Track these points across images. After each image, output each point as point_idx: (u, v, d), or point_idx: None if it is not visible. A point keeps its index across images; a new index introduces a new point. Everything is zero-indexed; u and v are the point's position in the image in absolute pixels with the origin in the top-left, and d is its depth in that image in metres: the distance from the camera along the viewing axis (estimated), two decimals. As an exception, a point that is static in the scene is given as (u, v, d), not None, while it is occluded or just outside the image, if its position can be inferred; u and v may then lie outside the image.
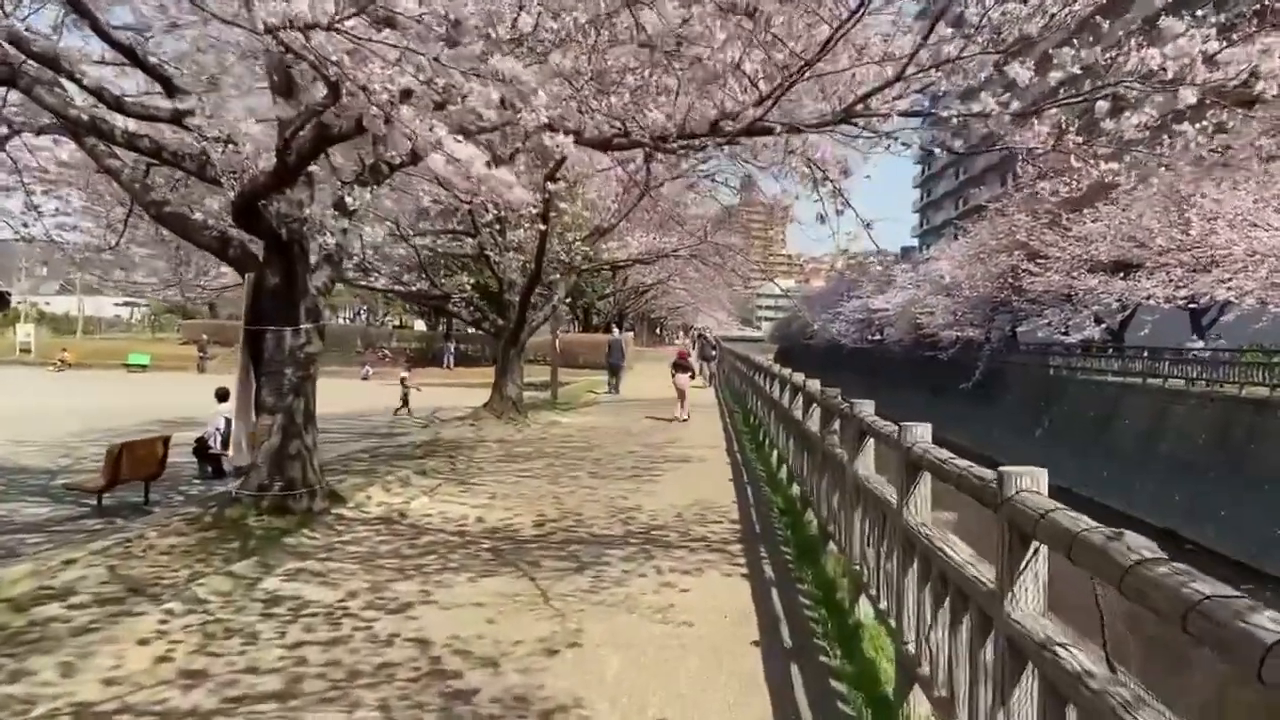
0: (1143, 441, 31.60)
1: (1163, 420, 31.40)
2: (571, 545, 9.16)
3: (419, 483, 12.64)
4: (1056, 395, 40.21)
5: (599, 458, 15.97)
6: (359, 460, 15.11)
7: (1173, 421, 30.81)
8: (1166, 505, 27.60)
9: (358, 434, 24.82)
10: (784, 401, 13.71)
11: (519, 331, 21.59)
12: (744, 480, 13.75)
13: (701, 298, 70.02)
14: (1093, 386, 37.68)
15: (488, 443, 17.94)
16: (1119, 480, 30.81)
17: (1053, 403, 40.22)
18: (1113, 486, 30.69)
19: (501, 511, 10.88)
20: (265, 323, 10.29)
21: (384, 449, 17.08)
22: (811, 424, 10.18)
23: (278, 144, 7.97)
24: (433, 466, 14.32)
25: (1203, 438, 28.63)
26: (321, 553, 8.82)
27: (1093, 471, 32.58)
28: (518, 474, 13.97)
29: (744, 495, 12.37)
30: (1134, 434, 32.37)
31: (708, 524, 10.29)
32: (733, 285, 51.70)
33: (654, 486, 12.86)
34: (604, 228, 22.50)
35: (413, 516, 10.55)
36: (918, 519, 5.06)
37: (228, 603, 7.25)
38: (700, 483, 13.20)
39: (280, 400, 10.23)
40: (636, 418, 24.24)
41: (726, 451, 17.25)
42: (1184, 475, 27.91)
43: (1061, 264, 38.35)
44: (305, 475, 10.38)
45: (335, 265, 11.13)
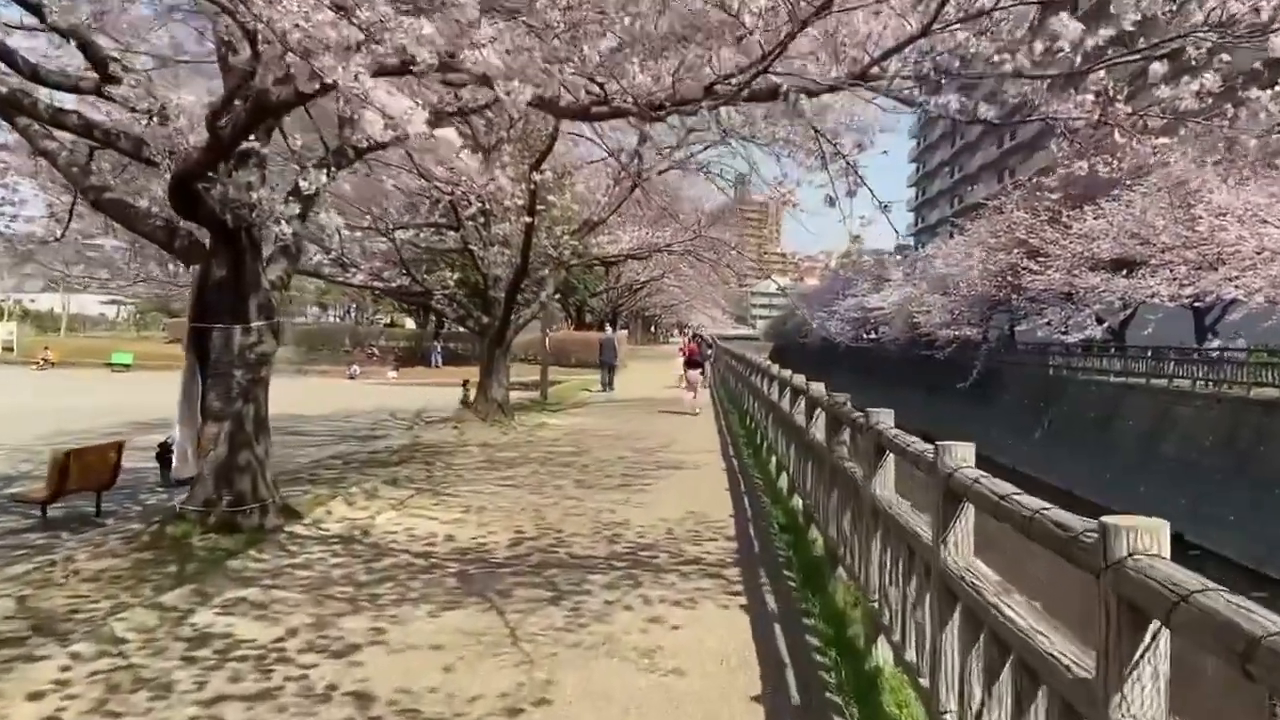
0: (1147, 443, 30.80)
1: (1168, 421, 30.59)
2: (549, 569, 8.17)
3: (388, 494, 11.64)
4: (1057, 395, 39.40)
5: (587, 464, 14.99)
6: (329, 467, 14.14)
7: (1178, 423, 29.98)
8: (1172, 508, 26.75)
9: (338, 436, 23.84)
10: (784, 405, 12.75)
11: (504, 329, 20.60)
12: (741, 490, 12.77)
13: (696, 295, 69.13)
14: (1094, 387, 36.89)
15: (469, 447, 16.95)
16: (1122, 482, 29.98)
17: (1053, 403, 39.39)
18: (1116, 489, 29.86)
19: (475, 528, 9.90)
20: (212, 319, 9.31)
21: (359, 454, 16.12)
22: (816, 432, 9.22)
23: (206, 114, 6.97)
24: (407, 475, 13.33)
25: (1209, 439, 27.83)
26: (267, 578, 7.83)
27: (1095, 473, 31.82)
28: (498, 483, 12.99)
29: (741, 507, 11.40)
30: (1138, 435, 31.56)
31: (702, 542, 9.31)
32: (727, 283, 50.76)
33: (644, 497, 11.88)
34: (594, 221, 21.52)
35: (376, 534, 9.56)
36: (960, 562, 4.10)
37: (148, 643, 6.26)
38: (694, 493, 12.23)
39: (228, 405, 9.24)
40: (628, 419, 23.28)
41: (722, 456, 16.28)
42: (1190, 478, 27.12)
43: (1062, 261, 37.55)
44: (256, 489, 9.40)
45: (292, 257, 10.15)
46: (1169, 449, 29.55)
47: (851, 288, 66.75)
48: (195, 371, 9.40)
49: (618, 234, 22.72)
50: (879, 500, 5.76)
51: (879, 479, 5.93)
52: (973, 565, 4.05)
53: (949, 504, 4.19)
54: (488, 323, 20.80)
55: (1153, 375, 32.98)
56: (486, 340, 21.04)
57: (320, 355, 60.19)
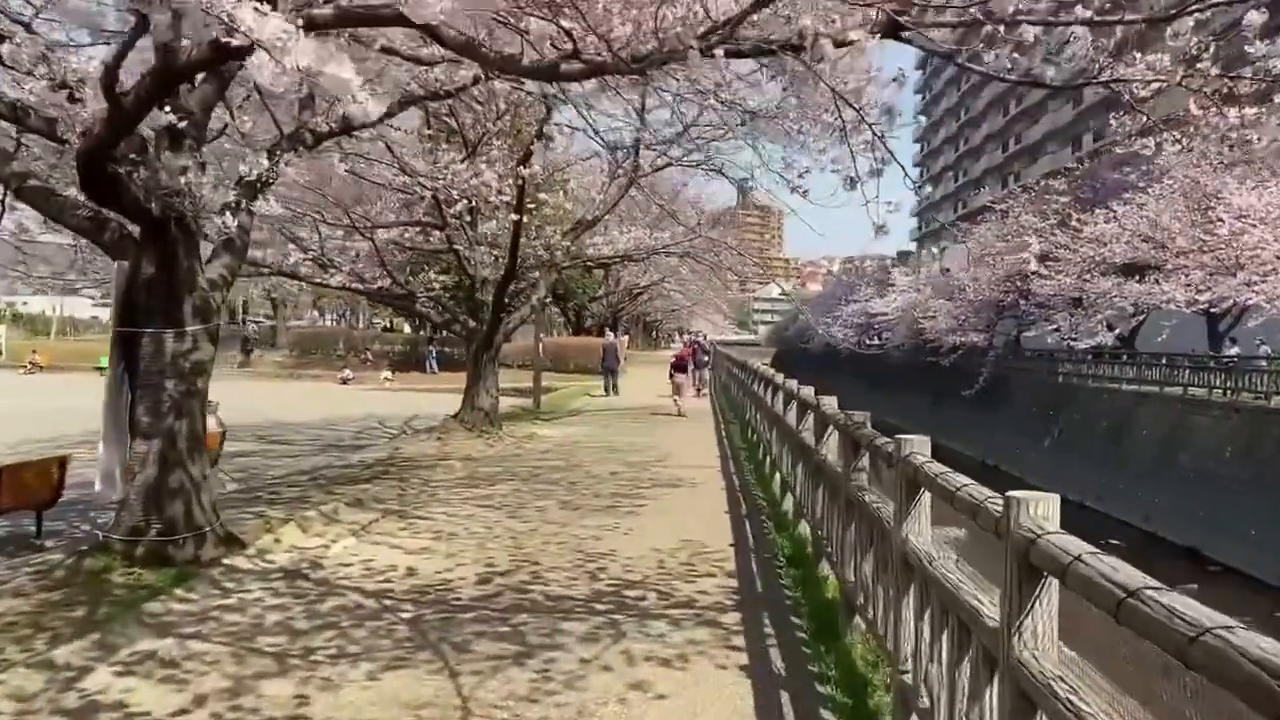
0: (1162, 454, 29.73)
1: (1184, 431, 29.48)
2: (519, 615, 7.02)
3: (350, 517, 10.48)
4: (1066, 404, 38.35)
5: (575, 480, 13.84)
6: (294, 484, 13.00)
7: (1195, 433, 28.88)
8: (1188, 522, 25.79)
9: (319, 446, 22.72)
10: (789, 419, 11.60)
11: (493, 334, 19.45)
12: (742, 512, 11.60)
13: (697, 300, 68.06)
14: (1105, 395, 35.79)
15: (451, 460, 15.81)
16: (1136, 494, 28.98)
17: (1062, 411, 38.34)
18: (1128, 500, 28.89)
19: (441, 560, 8.75)
20: (141, 323, 8.17)
21: (331, 468, 14.98)
22: (827, 453, 8.07)
23: (102, 79, 5.84)
24: (377, 493, 12.18)
25: (1228, 450, 26.74)
26: (189, 625, 6.69)
27: (1107, 484, 30.81)
28: (476, 503, 11.84)
29: (742, 534, 10.24)
30: (1152, 445, 30.49)
31: (697, 578, 8.16)
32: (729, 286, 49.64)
33: (635, 521, 10.72)
34: (588, 221, 20.38)
35: (328, 567, 8.42)
36: (1039, 659, 2.96)
37: (22, 715, 5.14)
38: (690, 515, 11.08)
39: (158, 421, 8.10)
40: (623, 428, 22.14)
41: (722, 472, 15.11)
42: (1207, 490, 26.05)
43: (1073, 266, 36.53)
44: (191, 515, 8.26)
45: (237, 252, 9.01)
46: (1185, 459, 28.47)
47: (855, 293, 65.63)
48: (123, 382, 8.26)
49: (613, 234, 21.54)
50: (914, 551, 4.62)
51: (913, 523, 4.79)
52: (1054, 663, 2.92)
53: (1026, 578, 3.06)
54: (474, 327, 19.65)
55: (1166, 383, 31.92)
56: (474, 345, 19.89)
57: (313, 359, 59.12)
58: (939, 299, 48.86)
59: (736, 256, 23.63)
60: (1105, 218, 36.36)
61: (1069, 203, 40.25)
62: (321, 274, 18.28)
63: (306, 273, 18.32)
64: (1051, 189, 42.42)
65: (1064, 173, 45.00)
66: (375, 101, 4.90)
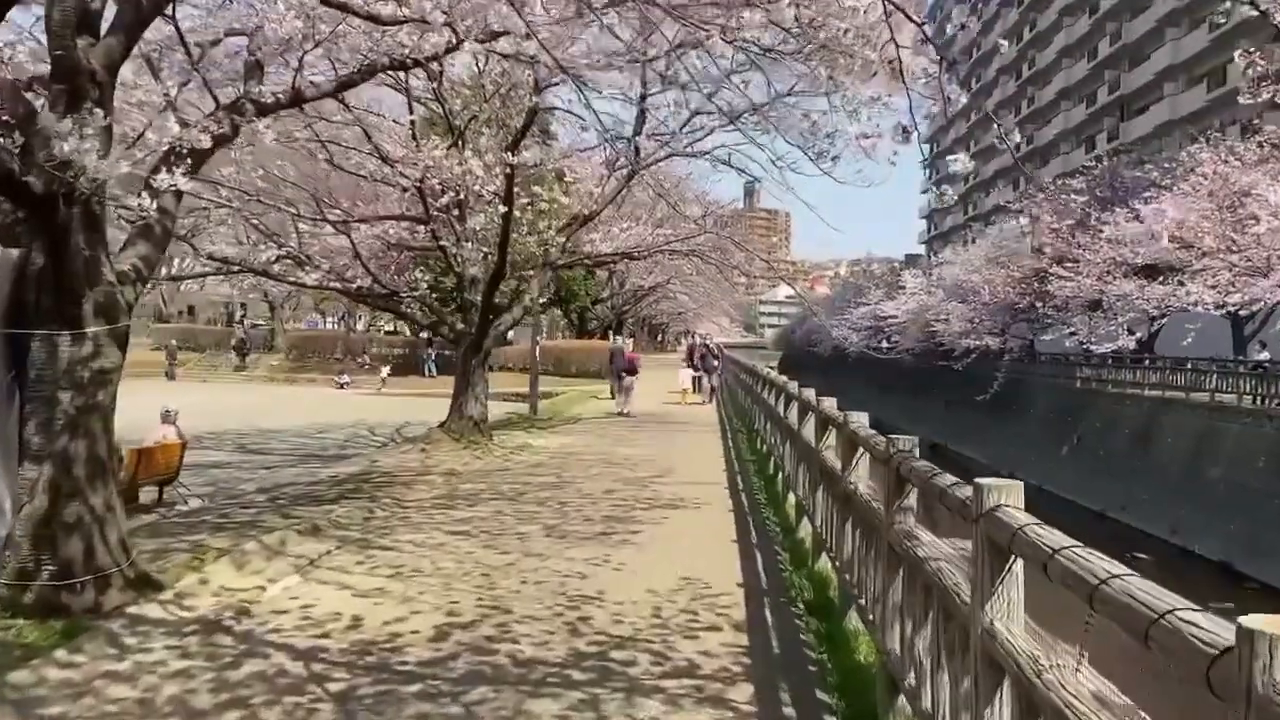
0: (1189, 463, 28.39)
1: (1212, 439, 28.15)
2: (476, 687, 5.60)
3: (299, 549, 9.07)
4: (1085, 410, 37.06)
5: (565, 500, 12.43)
6: (252, 505, 11.59)
7: (1224, 441, 27.53)
8: (1220, 535, 24.44)
9: (299, 457, 21.40)
10: (806, 434, 10.20)
11: (482, 337, 18.06)
12: (752, 541, 10.16)
13: (703, 303, 66.67)
14: (1127, 401, 34.43)
15: (432, 476, 14.42)
16: (1161, 505, 27.63)
17: (1080, 418, 37.02)
18: (1154, 512, 27.53)
19: (395, 605, 7.34)
20: (31, 323, 6.78)
21: (297, 485, 13.58)
22: (857, 481, 6.67)
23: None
24: (340, 517, 10.77)
25: (1261, 460, 25.35)
26: (57, 703, 5.29)
27: (1130, 494, 29.45)
28: (450, 528, 10.43)
29: (752, 569, 8.81)
30: (1178, 454, 29.13)
31: (700, 632, 6.74)
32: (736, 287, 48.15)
33: (628, 553, 9.29)
34: (585, 216, 18.99)
35: (257, 616, 7.01)
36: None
37: None
38: (693, 546, 9.66)
39: (50, 441, 6.71)
40: (622, 438, 20.72)
41: (729, 490, 13.67)
42: (1239, 502, 24.74)
43: (1092, 267, 35.18)
44: (92, 554, 6.86)
45: (157, 241, 7.61)
46: (1214, 470, 27.09)
47: (863, 296, 64.27)
48: (11, 395, 6.87)
49: (613, 231, 20.13)
50: (1004, 645, 3.21)
51: (1002, 603, 3.38)
52: None
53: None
54: (462, 329, 18.27)
55: (1191, 389, 30.55)
56: (461, 350, 18.50)
57: (311, 363, 57.87)
58: (952, 301, 47.60)
59: (744, 254, 22.19)
60: (1126, 217, 35.05)
61: (1087, 202, 38.88)
62: (294, 272, 16.89)
63: (280, 271, 16.96)
64: (1069, 188, 40.99)
65: (1082, 171, 43.51)
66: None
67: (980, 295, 43.79)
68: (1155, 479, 28.88)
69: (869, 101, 7.63)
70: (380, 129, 15.52)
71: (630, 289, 60.08)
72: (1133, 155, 45.53)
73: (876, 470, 5.96)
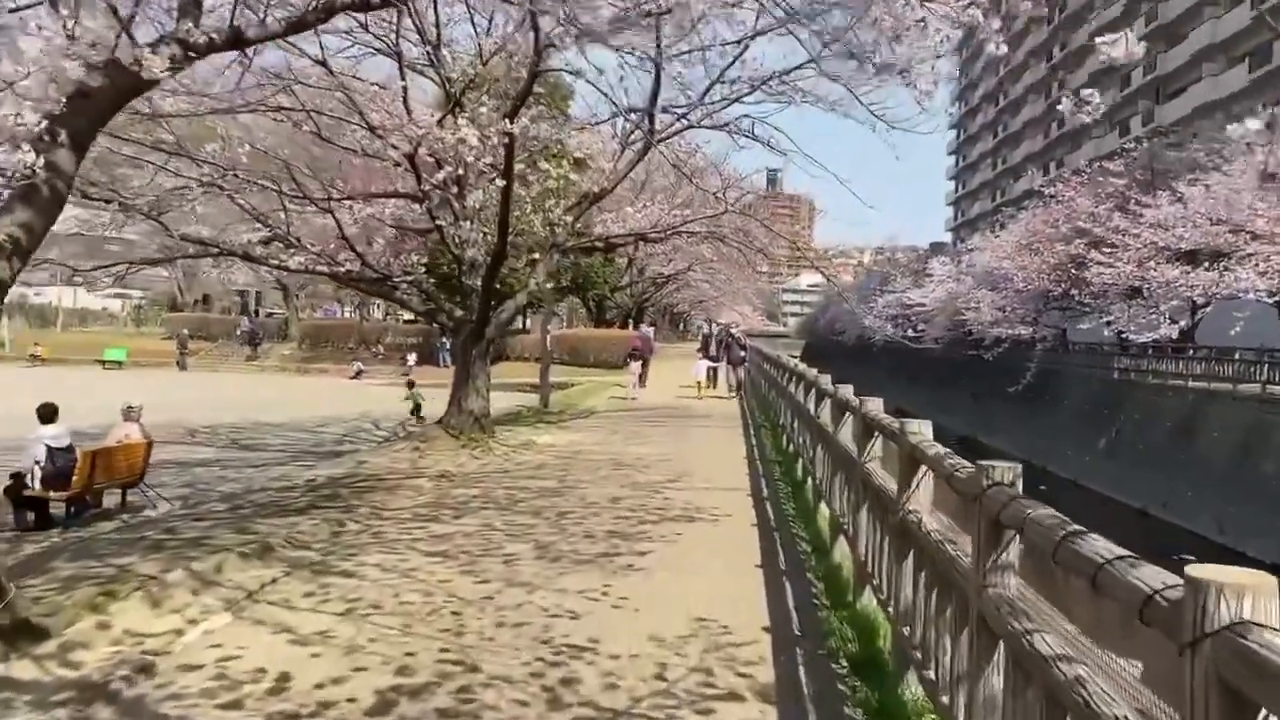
0: (1237, 458, 26.84)
1: (1264, 434, 26.54)
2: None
3: (239, 575, 7.60)
4: (1124, 402, 35.46)
5: (566, 510, 10.93)
6: (207, 516, 10.16)
7: (1276, 435, 25.88)
8: (1275, 535, 22.87)
9: (293, 453, 20.05)
10: (843, 440, 8.68)
11: (483, 325, 16.57)
12: (780, 565, 8.59)
13: (725, 291, 64.99)
14: (1169, 393, 32.77)
15: (420, 479, 12.96)
16: (1207, 502, 26.14)
17: (1118, 410, 35.42)
18: (1199, 509, 26.02)
19: (336, 658, 5.86)
20: None
21: (270, 490, 12.16)
22: (918, 511, 5.17)
23: None
24: (303, 532, 9.32)
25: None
26: None
27: (1173, 491, 27.89)
28: (426, 548, 8.95)
29: (782, 604, 7.25)
30: (1225, 449, 27.60)
31: (715, 701, 5.21)
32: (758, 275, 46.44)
33: (631, 583, 7.77)
34: (597, 194, 17.46)
35: (159, 676, 5.55)
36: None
37: None
38: (709, 572, 8.14)
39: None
40: (636, 434, 19.22)
41: (752, 497, 12.10)
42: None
43: (1133, 253, 33.50)
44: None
45: (44, 207, 6.14)
46: (1266, 466, 25.47)
47: (888, 284, 62.47)
48: None
49: (626, 211, 18.56)
50: None
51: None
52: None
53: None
54: (462, 317, 16.78)
55: (1239, 380, 28.94)
56: (461, 339, 17.04)
57: (324, 352, 56.68)
58: (982, 289, 45.92)
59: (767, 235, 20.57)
60: (1169, 200, 33.36)
61: (1126, 185, 37.11)
62: (277, 254, 15.45)
63: (262, 253, 15.53)
64: (1107, 171, 39.20)
65: (1121, 153, 41.65)
66: None
67: (1012, 282, 42.09)
68: (1200, 474, 27.37)
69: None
70: (367, 95, 14.05)
71: (650, 276, 58.53)
72: (1173, 137, 43.72)
73: (961, 509, 4.43)
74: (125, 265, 15.70)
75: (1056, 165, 78.99)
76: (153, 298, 79.50)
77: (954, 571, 4.16)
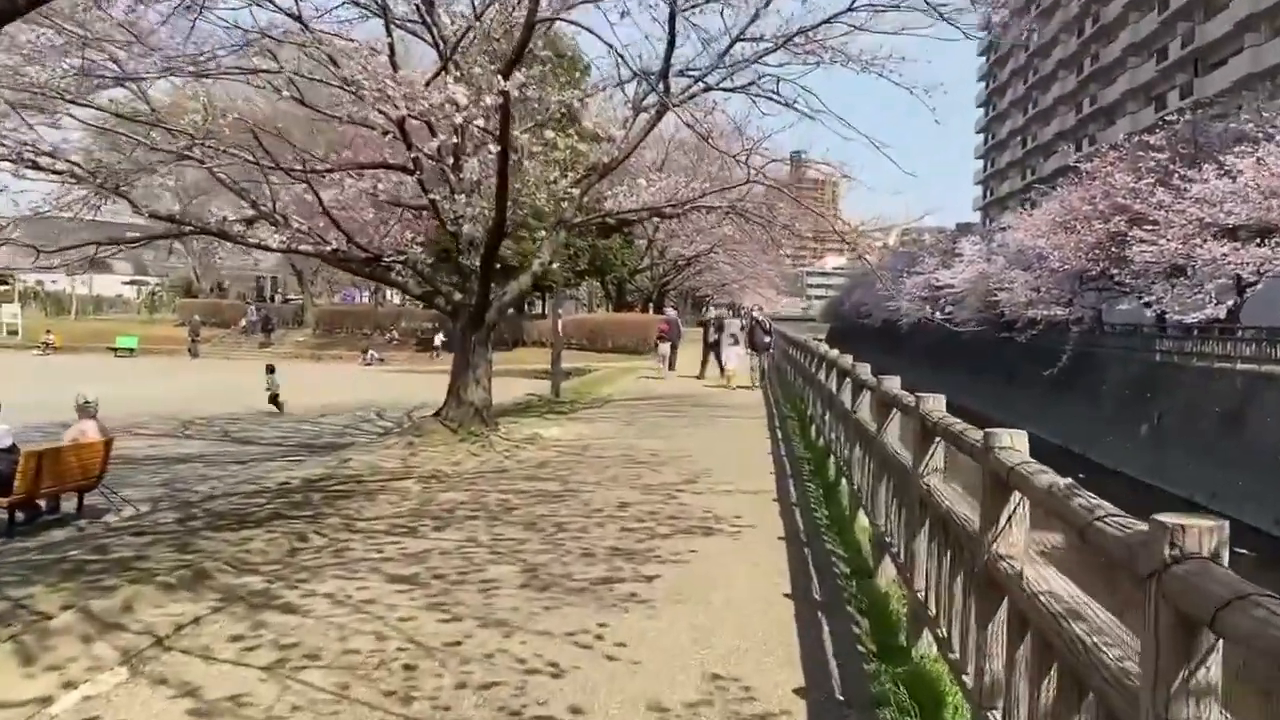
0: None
1: (1328, 422, 25.07)
2: None
3: (150, 614, 6.19)
4: (1167, 386, 33.90)
5: (564, 520, 9.49)
6: (148, 530, 8.82)
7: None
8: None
9: (286, 447, 18.79)
10: (889, 440, 7.23)
11: (483, 308, 15.16)
12: (815, 597, 7.13)
13: (748, 274, 63.41)
14: (1217, 376, 31.19)
15: (407, 481, 11.58)
16: (1263, 494, 24.76)
17: (1161, 395, 33.84)
18: (1254, 501, 24.60)
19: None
20: None
21: (235, 493, 10.82)
22: (1012, 559, 3.73)
23: None
24: (249, 552, 7.92)
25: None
26: None
27: (1223, 480, 26.46)
28: (394, 571, 7.53)
29: (819, 652, 5.81)
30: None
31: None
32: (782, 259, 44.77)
33: (632, 622, 6.29)
34: (607, 164, 16.00)
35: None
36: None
37: None
38: (728, 608, 6.64)
39: None
40: (651, 426, 17.76)
41: (779, 506, 10.52)
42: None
43: (1177, 230, 31.88)
44: None
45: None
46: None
47: (916, 265, 60.74)
48: None
49: (639, 184, 17.07)
50: None
51: None
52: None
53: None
54: (460, 300, 15.38)
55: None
56: (459, 324, 15.63)
57: (338, 338, 55.57)
58: (1015, 269, 44.27)
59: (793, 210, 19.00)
60: (1215, 173, 31.70)
61: (1169, 159, 35.35)
62: (257, 233, 14.08)
63: (238, 231, 14.17)
64: (1147, 145, 37.44)
65: (1163, 124, 39.79)
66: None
67: (1047, 261, 40.46)
68: (1258, 464, 25.80)
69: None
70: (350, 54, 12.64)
71: (671, 259, 57.01)
72: (1216, 109, 41.86)
73: (1100, 576, 2.97)
74: (95, 246, 14.37)
75: (1089, 142, 76.73)
76: (170, 284, 78.76)
77: (1096, 673, 2.71)
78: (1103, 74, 79.95)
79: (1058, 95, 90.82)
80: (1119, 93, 76.34)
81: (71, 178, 12.33)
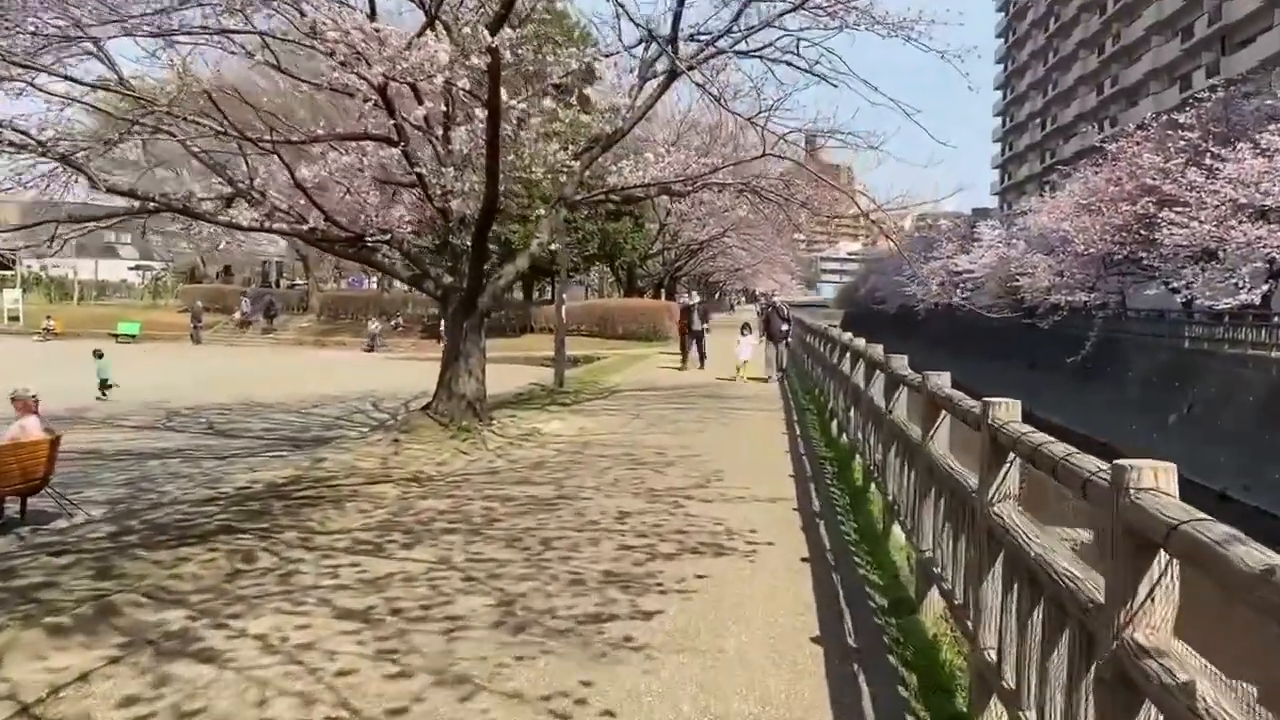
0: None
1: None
2: None
3: (20, 672, 5.01)
4: (1197, 374, 32.63)
5: (555, 535, 8.26)
6: (72, 548, 7.63)
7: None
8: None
9: (273, 439, 17.69)
10: (937, 453, 5.98)
11: (475, 293, 13.93)
12: (849, 642, 5.86)
13: (761, 259, 62.11)
14: (1251, 364, 29.98)
15: (384, 485, 10.37)
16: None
17: (1191, 383, 32.52)
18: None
19: None
20: None
21: (186, 500, 9.63)
22: (1164, 657, 2.50)
23: None
24: (179, 576, 6.72)
25: None
26: None
27: (1258, 472, 25.18)
28: (347, 602, 6.32)
29: None
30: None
31: None
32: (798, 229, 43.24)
33: (624, 679, 5.02)
34: (610, 135, 14.74)
35: None
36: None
37: None
38: (743, 659, 5.41)
39: None
40: (658, 421, 16.47)
41: (800, 518, 9.19)
42: None
43: (1210, 211, 30.54)
44: None
45: None
46: (1376, 447, 22.75)
47: (934, 249, 59.41)
48: None
49: (646, 158, 15.78)
50: None
51: None
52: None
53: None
54: (451, 284, 14.15)
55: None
56: (450, 309, 14.38)
57: (343, 325, 54.47)
58: (1036, 253, 42.92)
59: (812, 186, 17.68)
60: (1251, 153, 30.36)
61: (1200, 138, 33.93)
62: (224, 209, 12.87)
63: (209, 208, 12.96)
64: (1176, 124, 36.02)
65: (1193, 102, 38.30)
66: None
67: (1071, 245, 39.07)
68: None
69: None
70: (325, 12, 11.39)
71: (684, 243, 55.69)
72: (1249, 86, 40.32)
73: None
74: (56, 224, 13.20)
75: (1111, 124, 74.95)
76: (175, 269, 77.80)
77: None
78: (1125, 54, 78.05)
79: (1079, 76, 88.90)
80: (1142, 73, 74.48)
81: (27, 150, 11.16)
